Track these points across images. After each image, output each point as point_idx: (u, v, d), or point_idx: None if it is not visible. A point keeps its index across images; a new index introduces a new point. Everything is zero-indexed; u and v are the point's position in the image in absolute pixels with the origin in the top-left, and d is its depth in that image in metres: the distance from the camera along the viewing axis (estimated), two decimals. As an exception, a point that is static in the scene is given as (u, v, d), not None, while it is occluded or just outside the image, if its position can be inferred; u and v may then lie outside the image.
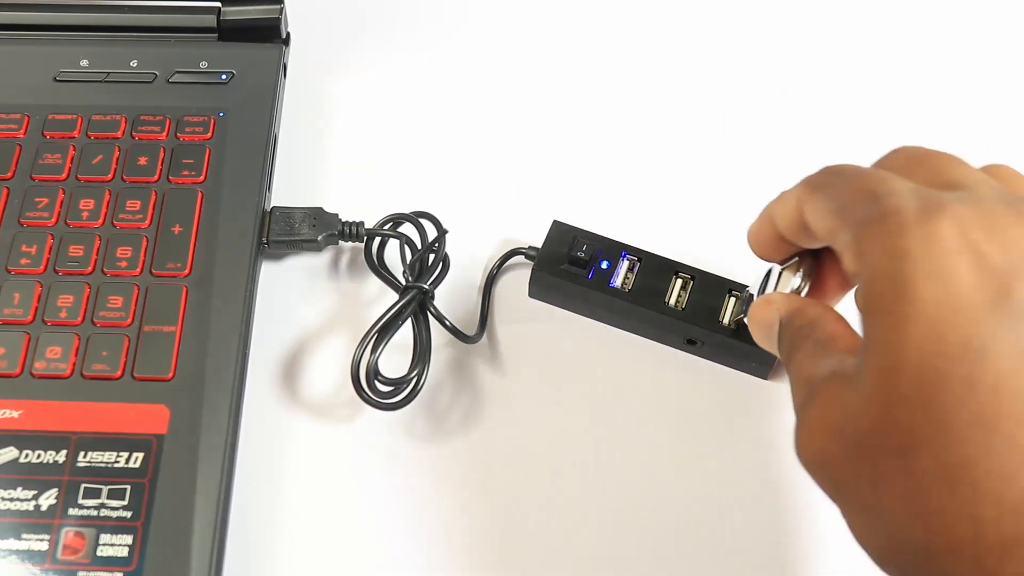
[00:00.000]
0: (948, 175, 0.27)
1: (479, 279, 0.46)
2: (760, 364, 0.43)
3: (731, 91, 0.53)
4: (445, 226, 0.45)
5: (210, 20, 0.49)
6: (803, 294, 0.34)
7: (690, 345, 0.44)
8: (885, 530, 0.25)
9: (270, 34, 0.50)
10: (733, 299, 0.43)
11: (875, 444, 0.24)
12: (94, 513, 0.36)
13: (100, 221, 0.43)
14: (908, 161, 0.29)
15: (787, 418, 0.43)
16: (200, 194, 0.44)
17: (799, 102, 0.52)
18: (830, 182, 0.29)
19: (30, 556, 0.36)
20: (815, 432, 0.27)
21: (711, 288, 0.43)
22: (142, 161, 0.45)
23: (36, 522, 0.36)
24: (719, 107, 0.52)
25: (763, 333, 0.34)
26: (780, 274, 0.36)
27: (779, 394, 0.44)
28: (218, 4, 0.49)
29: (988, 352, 0.23)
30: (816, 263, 0.35)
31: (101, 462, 0.37)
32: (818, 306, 0.32)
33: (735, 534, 0.41)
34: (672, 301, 0.43)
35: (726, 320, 0.42)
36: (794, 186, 0.32)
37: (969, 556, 0.23)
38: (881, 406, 0.24)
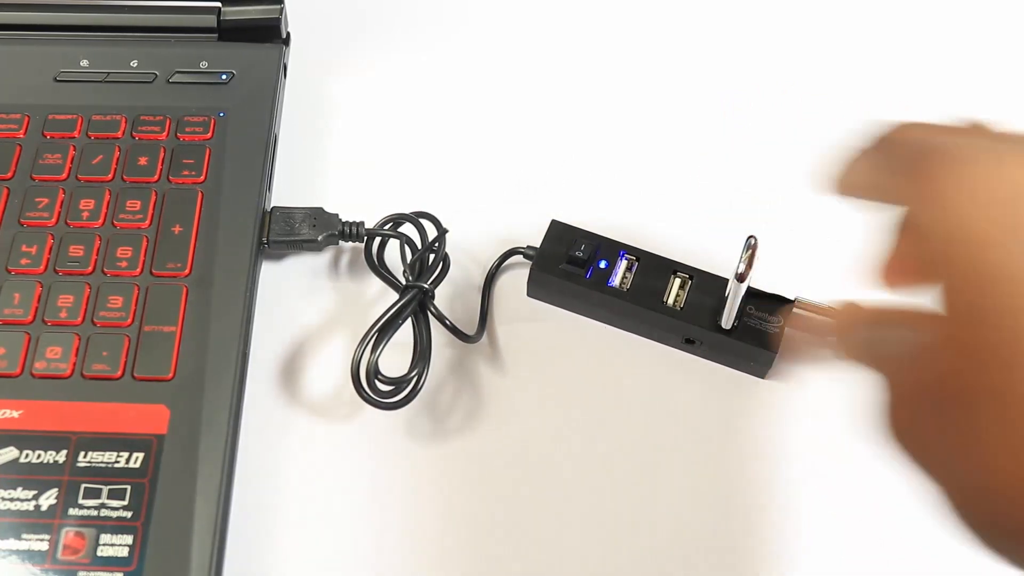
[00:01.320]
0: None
1: (479, 279, 0.46)
2: (758, 363, 0.43)
3: (731, 91, 0.53)
4: (445, 226, 0.45)
5: (210, 20, 0.49)
6: None
7: (688, 344, 0.44)
8: (987, 492, 0.23)
9: (270, 34, 0.50)
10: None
11: (961, 395, 0.23)
12: (94, 513, 0.36)
13: (100, 221, 0.43)
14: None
15: (785, 417, 0.43)
16: (200, 194, 0.44)
17: (799, 102, 0.52)
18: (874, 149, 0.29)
19: (30, 556, 0.36)
20: (902, 400, 0.25)
21: (709, 287, 0.43)
22: (142, 161, 0.45)
23: (36, 522, 0.36)
24: (719, 107, 0.52)
25: (850, 344, 0.31)
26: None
27: (777, 393, 0.44)
28: (218, 4, 0.49)
29: None
30: None
31: (101, 462, 0.38)
32: (900, 310, 0.30)
33: (733, 532, 0.41)
34: (670, 300, 0.43)
35: (723, 320, 0.42)
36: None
37: None
38: (964, 340, 0.23)
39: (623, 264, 0.44)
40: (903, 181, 0.27)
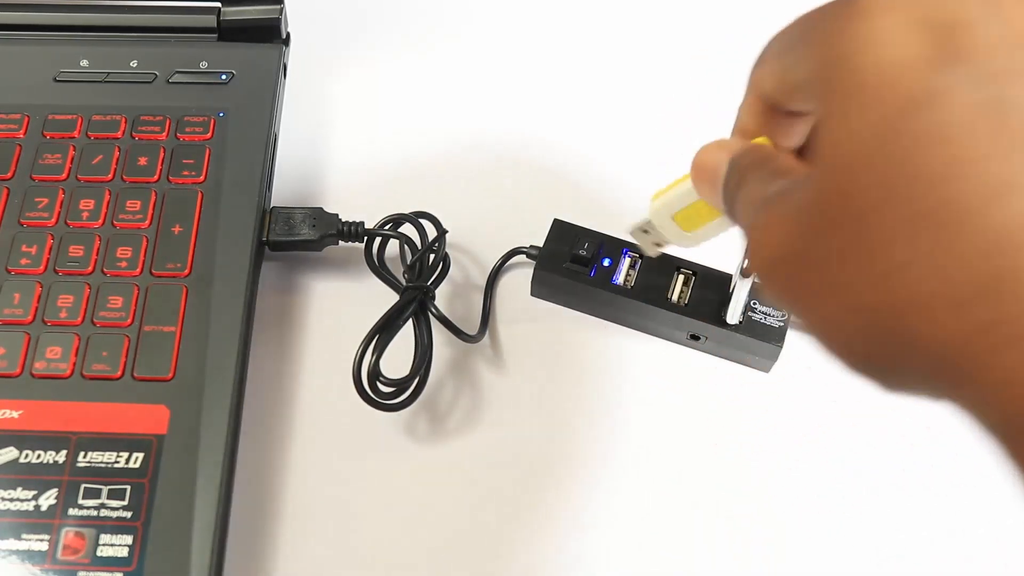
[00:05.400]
0: None
1: (479, 279, 0.46)
2: (763, 358, 0.43)
3: (731, 90, 0.53)
4: (445, 226, 0.45)
5: (210, 20, 0.49)
6: None
7: (693, 340, 0.44)
8: (847, 312, 0.23)
9: (270, 34, 0.50)
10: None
11: (829, 220, 0.23)
12: (94, 513, 0.36)
13: (100, 221, 0.43)
14: None
15: (791, 411, 0.43)
16: (200, 194, 0.44)
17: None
18: (770, 41, 0.28)
19: (30, 556, 0.35)
20: (768, 232, 0.25)
21: (713, 283, 0.43)
22: (142, 161, 0.45)
23: (36, 522, 0.36)
24: (719, 106, 0.52)
25: (707, 177, 0.30)
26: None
27: (783, 388, 0.44)
28: (218, 4, 0.49)
29: (939, 102, 0.21)
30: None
31: (101, 462, 0.37)
32: (770, 147, 0.29)
33: (739, 527, 0.40)
34: (674, 297, 0.43)
35: (729, 315, 0.42)
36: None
37: (945, 304, 0.21)
38: (834, 181, 0.23)
39: (626, 261, 0.44)
40: (804, 40, 0.25)
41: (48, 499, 0.37)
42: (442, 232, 0.45)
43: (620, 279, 0.44)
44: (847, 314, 0.23)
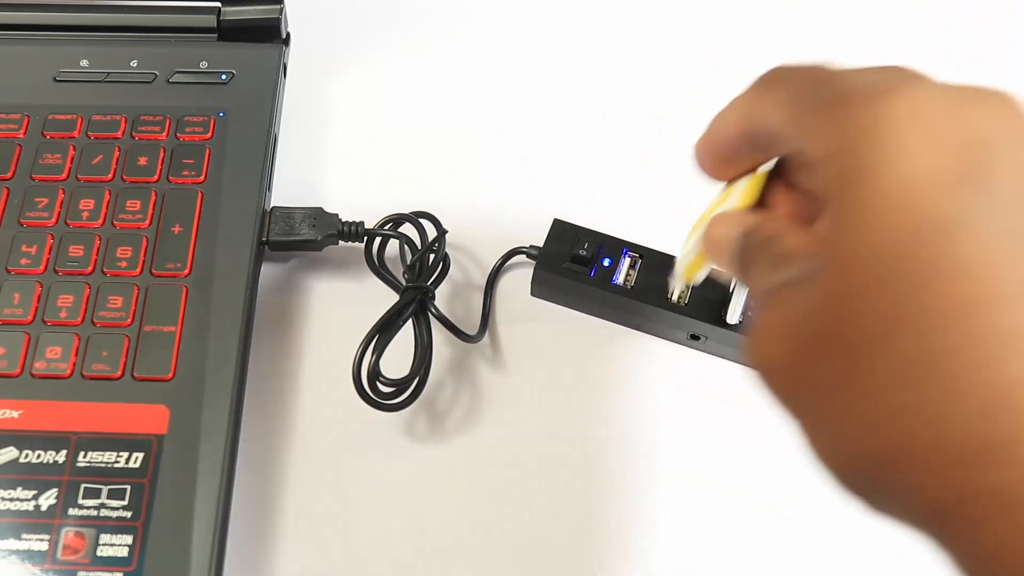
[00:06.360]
0: (905, 71, 0.25)
1: (479, 279, 0.46)
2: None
3: (731, 89, 0.53)
4: (445, 226, 0.45)
5: (210, 20, 0.49)
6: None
7: (694, 340, 0.44)
8: (841, 441, 0.23)
9: (270, 34, 0.50)
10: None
11: (832, 341, 0.22)
12: (94, 513, 0.36)
13: (100, 221, 0.43)
14: (859, 66, 0.26)
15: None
16: (200, 194, 0.44)
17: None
18: (783, 76, 0.27)
19: (30, 556, 0.35)
20: (769, 335, 0.24)
21: (713, 283, 0.43)
22: (142, 161, 0.45)
23: (36, 522, 0.36)
24: (719, 107, 0.52)
25: (721, 253, 0.30)
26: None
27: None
28: (218, 4, 0.49)
29: (960, 232, 0.21)
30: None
31: (101, 462, 0.37)
32: (778, 220, 0.28)
33: (738, 526, 0.40)
34: (675, 297, 0.43)
35: (729, 315, 0.42)
36: (745, 89, 0.29)
37: (939, 462, 0.20)
38: (839, 298, 0.22)
39: (627, 261, 0.44)
40: (821, 116, 0.24)
41: (48, 499, 0.37)
42: (442, 232, 0.45)
43: (620, 279, 0.44)
44: (840, 443, 0.23)
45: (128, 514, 0.36)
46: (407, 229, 0.45)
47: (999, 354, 0.20)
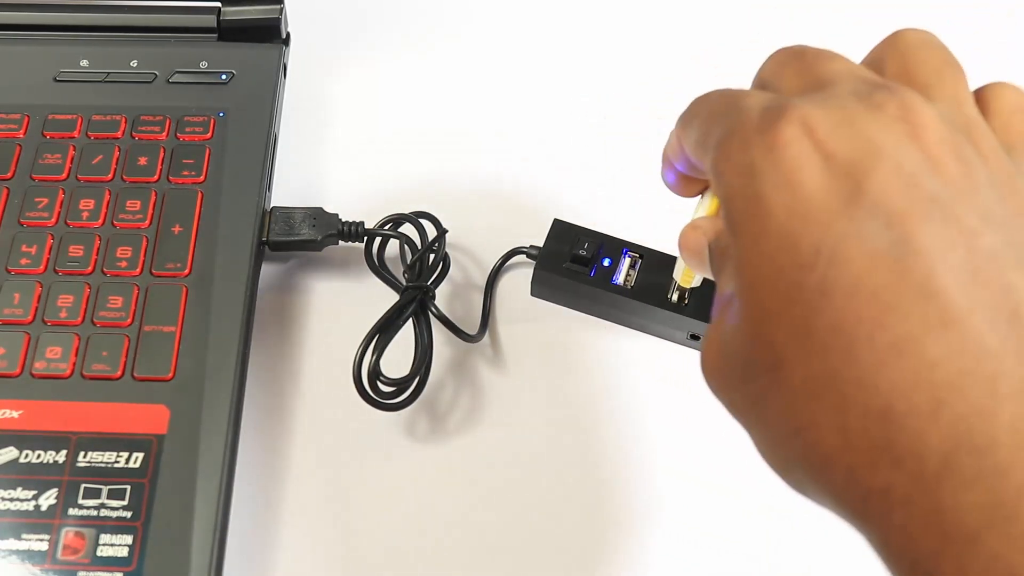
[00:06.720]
0: (816, 73, 0.26)
1: (479, 279, 0.46)
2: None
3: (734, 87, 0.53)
4: (445, 226, 0.45)
5: (210, 20, 0.49)
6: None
7: (694, 340, 0.44)
8: (775, 447, 0.25)
9: (270, 34, 0.50)
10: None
11: (750, 363, 0.24)
12: (94, 513, 0.36)
13: (100, 221, 0.43)
14: (777, 65, 0.28)
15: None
16: (200, 194, 0.44)
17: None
18: (695, 111, 0.28)
19: (30, 556, 0.35)
20: (710, 353, 0.26)
21: (713, 284, 0.43)
22: (142, 161, 0.45)
23: (36, 522, 0.36)
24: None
25: (695, 259, 0.31)
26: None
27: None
28: (218, 4, 0.49)
29: (839, 255, 0.22)
30: None
31: (101, 462, 0.37)
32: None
33: (738, 525, 0.40)
34: (674, 297, 0.43)
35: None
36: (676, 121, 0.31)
37: (843, 466, 0.22)
38: (750, 324, 0.24)
39: (627, 261, 0.44)
40: (720, 154, 0.25)
41: (48, 499, 0.36)
42: (442, 232, 0.45)
43: (620, 279, 0.44)
44: (771, 449, 0.25)
45: (128, 514, 0.36)
46: (407, 229, 0.45)
47: (889, 361, 0.21)
